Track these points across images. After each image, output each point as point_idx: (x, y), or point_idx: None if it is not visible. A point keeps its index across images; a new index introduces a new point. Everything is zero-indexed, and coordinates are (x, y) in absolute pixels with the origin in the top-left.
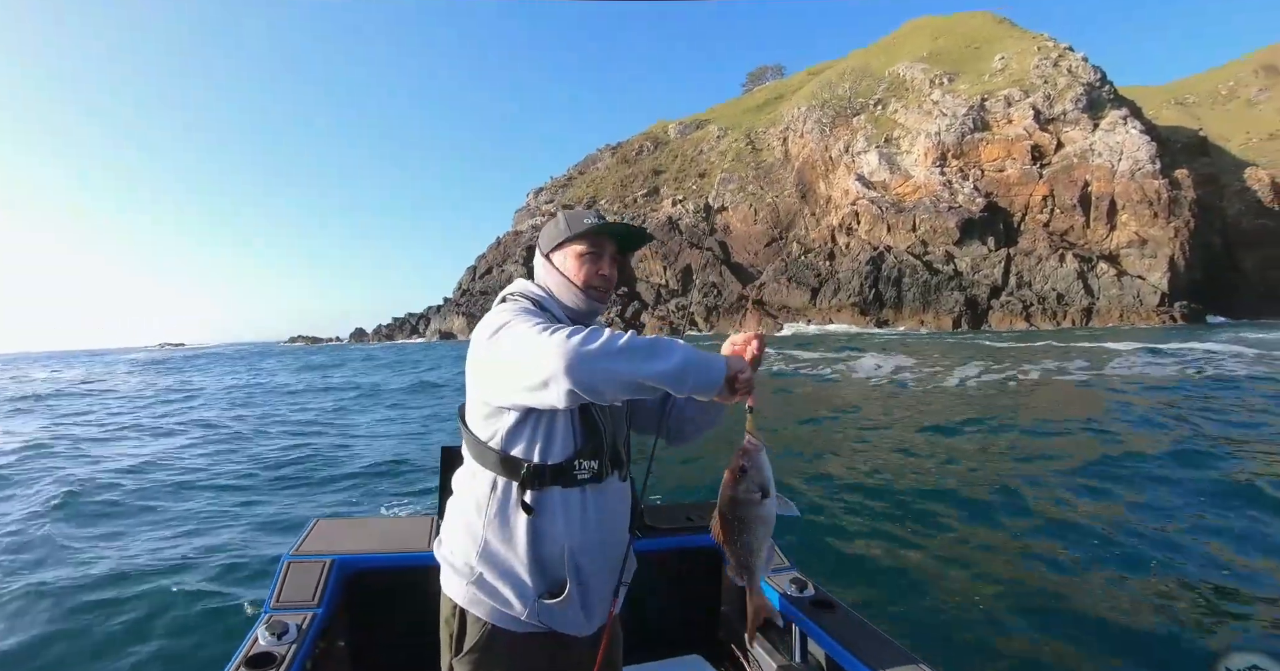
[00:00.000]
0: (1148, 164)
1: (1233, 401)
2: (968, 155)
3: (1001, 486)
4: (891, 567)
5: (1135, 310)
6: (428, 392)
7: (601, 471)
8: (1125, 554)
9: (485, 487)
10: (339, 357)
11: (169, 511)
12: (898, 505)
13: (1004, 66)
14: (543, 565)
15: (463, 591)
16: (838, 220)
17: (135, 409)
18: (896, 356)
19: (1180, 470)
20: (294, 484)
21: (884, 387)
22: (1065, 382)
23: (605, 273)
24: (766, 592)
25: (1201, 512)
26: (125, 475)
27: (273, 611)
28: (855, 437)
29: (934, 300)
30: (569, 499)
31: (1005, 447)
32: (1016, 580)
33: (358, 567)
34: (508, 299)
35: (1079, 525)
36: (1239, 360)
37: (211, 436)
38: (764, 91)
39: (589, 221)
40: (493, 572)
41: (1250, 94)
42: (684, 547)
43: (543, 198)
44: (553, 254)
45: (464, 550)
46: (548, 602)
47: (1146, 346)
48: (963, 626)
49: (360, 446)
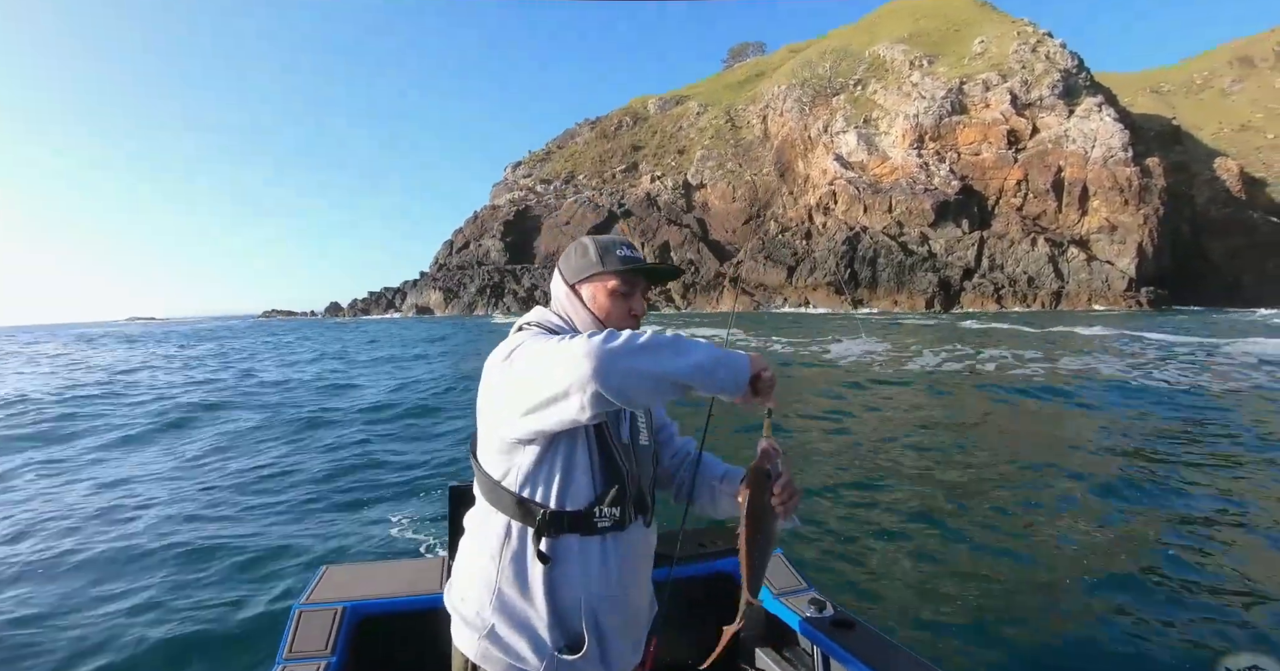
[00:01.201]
0: (1120, 151)
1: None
2: (945, 138)
3: (1007, 492)
4: (903, 580)
5: (1103, 294)
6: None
7: (624, 518)
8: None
9: (500, 532)
10: (338, 338)
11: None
12: (908, 516)
13: (983, 50)
14: (560, 618)
15: (475, 646)
16: (815, 199)
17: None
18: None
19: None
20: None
21: (864, 383)
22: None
23: (637, 312)
24: (785, 615)
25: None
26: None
27: (287, 662)
28: (847, 441)
29: (908, 281)
30: (588, 548)
31: (992, 455)
32: (1032, 590)
33: (370, 613)
34: (524, 328)
35: (1093, 534)
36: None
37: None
38: (745, 68)
39: (623, 253)
40: (506, 626)
41: (1224, 84)
42: (698, 576)
43: (521, 172)
44: (580, 285)
45: (477, 600)
46: (565, 658)
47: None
48: (983, 640)
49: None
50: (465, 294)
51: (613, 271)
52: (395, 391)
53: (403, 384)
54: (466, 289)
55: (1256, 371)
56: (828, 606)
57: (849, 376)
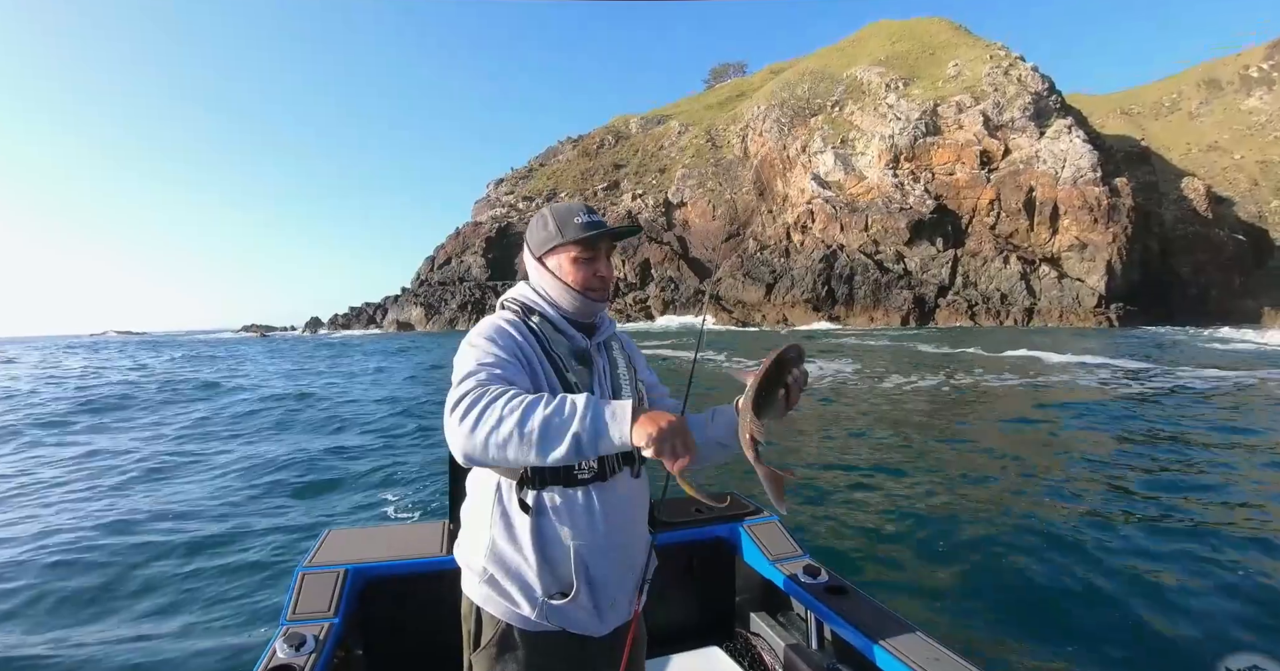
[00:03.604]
0: (1089, 172)
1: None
2: (919, 158)
3: (1011, 473)
4: (898, 549)
5: (1074, 311)
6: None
7: (604, 470)
8: (1137, 548)
9: (491, 490)
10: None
11: (189, 518)
12: (908, 492)
13: (957, 73)
14: (550, 566)
15: (477, 590)
16: (793, 218)
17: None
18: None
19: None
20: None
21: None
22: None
23: (603, 274)
24: (780, 581)
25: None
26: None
27: (289, 623)
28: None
29: (884, 298)
30: (571, 499)
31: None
32: (1031, 562)
33: (372, 576)
34: (503, 306)
35: (1085, 513)
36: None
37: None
38: (726, 88)
39: (580, 220)
40: (501, 572)
41: (1192, 106)
42: (695, 540)
43: (503, 189)
44: (546, 258)
45: (475, 550)
46: (555, 603)
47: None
48: (975, 608)
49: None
50: (446, 310)
51: (572, 241)
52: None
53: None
54: (448, 305)
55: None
56: (822, 572)
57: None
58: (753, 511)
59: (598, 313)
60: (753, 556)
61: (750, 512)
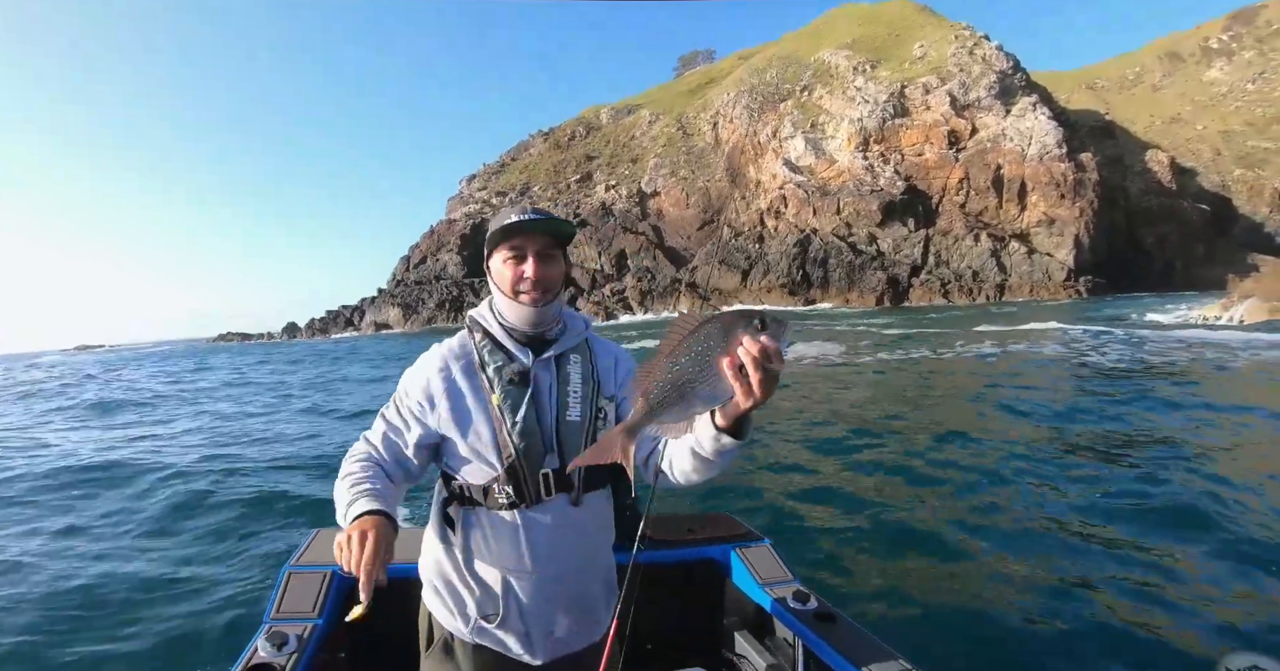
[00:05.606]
0: (1055, 148)
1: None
2: (888, 140)
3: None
4: (890, 579)
5: (1044, 285)
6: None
7: (524, 495)
8: (1129, 561)
9: (437, 500)
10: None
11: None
12: (891, 516)
13: (923, 54)
14: (481, 586)
15: (427, 596)
16: (766, 204)
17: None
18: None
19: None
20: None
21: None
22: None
23: (529, 274)
24: (768, 605)
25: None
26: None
27: (273, 622)
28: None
29: (858, 279)
30: (496, 522)
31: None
32: (1018, 589)
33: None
34: (470, 327)
35: (1074, 529)
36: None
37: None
38: (695, 76)
39: (507, 221)
40: (441, 583)
41: (1155, 79)
42: (684, 560)
43: (476, 185)
44: (489, 264)
45: (424, 558)
46: (485, 625)
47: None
48: (964, 638)
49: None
50: (424, 309)
51: (498, 241)
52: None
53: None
54: (425, 304)
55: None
56: (811, 598)
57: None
58: (745, 534)
59: (545, 321)
60: (743, 579)
61: (743, 535)
